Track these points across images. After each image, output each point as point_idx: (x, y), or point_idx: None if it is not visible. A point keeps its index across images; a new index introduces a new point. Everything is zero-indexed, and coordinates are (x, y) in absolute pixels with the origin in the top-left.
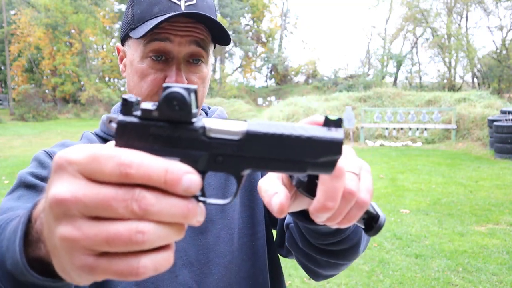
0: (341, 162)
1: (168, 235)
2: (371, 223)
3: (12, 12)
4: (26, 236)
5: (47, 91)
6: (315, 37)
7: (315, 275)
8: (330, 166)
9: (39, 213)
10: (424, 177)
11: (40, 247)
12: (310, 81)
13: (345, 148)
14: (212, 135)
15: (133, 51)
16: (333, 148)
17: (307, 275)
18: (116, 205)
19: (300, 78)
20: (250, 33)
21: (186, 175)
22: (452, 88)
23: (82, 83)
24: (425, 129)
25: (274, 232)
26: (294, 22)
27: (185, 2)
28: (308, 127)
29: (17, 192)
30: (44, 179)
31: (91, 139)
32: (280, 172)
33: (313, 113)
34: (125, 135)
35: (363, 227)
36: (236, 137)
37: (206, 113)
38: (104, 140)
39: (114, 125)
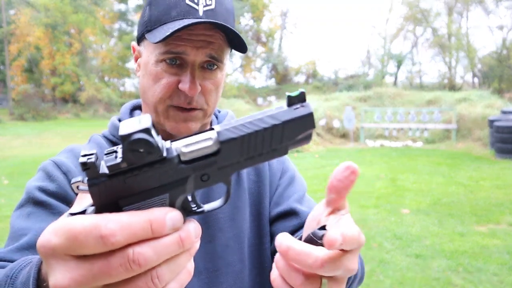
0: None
1: (180, 264)
2: None
3: (12, 11)
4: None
5: (46, 91)
6: (315, 37)
7: None
8: (308, 139)
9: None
10: (425, 177)
11: None
12: (310, 81)
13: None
14: (188, 158)
15: (148, 53)
16: (307, 124)
17: None
18: (116, 272)
19: (300, 78)
20: (250, 33)
21: (168, 216)
22: (453, 88)
23: (81, 83)
24: (426, 129)
25: None
26: (294, 22)
27: (204, 6)
28: (275, 112)
29: (26, 209)
30: (52, 194)
31: (99, 143)
32: (265, 161)
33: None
34: (103, 196)
35: None
36: (212, 150)
37: (217, 117)
38: (113, 143)
39: (83, 188)
